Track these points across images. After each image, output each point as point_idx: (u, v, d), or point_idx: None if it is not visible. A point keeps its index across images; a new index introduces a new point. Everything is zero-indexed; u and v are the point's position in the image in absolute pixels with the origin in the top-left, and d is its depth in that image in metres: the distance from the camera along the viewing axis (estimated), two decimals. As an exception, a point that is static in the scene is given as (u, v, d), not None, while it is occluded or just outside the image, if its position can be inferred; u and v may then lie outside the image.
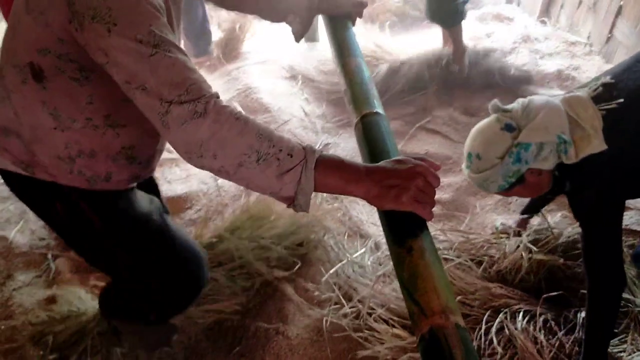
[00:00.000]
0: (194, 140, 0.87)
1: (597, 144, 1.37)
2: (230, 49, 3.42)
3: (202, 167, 0.91)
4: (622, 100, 1.38)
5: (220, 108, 0.88)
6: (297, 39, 1.47)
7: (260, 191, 0.92)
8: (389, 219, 0.91)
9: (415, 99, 2.94)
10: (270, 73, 3.18)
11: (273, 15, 1.45)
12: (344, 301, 1.80)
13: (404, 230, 0.87)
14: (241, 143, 0.87)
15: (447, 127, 2.78)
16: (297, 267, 1.95)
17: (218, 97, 0.90)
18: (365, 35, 3.13)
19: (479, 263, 1.84)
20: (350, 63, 1.32)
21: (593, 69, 3.02)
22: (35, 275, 1.99)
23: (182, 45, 1.07)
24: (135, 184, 1.26)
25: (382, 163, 0.94)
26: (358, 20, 1.51)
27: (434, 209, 0.92)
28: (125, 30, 0.87)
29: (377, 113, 1.14)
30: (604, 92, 1.41)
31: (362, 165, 0.93)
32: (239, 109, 1.05)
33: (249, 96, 2.92)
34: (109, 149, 1.13)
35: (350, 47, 1.38)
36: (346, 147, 2.59)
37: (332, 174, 0.90)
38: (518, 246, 1.79)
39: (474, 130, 1.46)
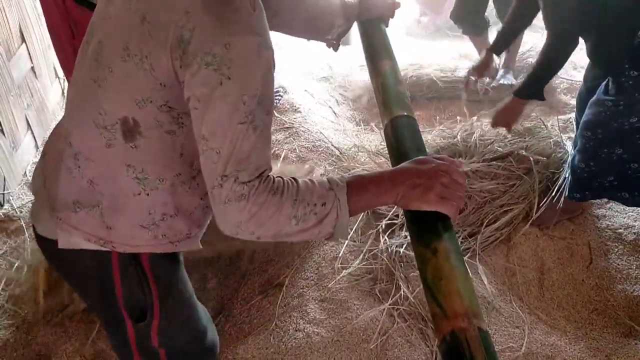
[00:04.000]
0: (233, 220, 0.89)
1: None
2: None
3: (238, 236, 0.92)
4: None
5: (262, 189, 0.88)
6: (336, 49, 1.47)
7: (300, 241, 0.94)
8: (414, 219, 0.92)
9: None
10: (302, 74, 3.21)
11: (313, 34, 1.44)
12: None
13: (429, 231, 0.88)
14: (279, 218, 0.89)
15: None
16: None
17: (267, 175, 0.90)
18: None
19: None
20: (383, 65, 1.32)
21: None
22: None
23: None
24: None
25: (404, 164, 0.95)
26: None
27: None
28: (236, 87, 0.84)
29: (407, 116, 1.15)
30: None
31: (385, 172, 0.94)
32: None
33: (280, 96, 2.94)
34: (190, 203, 1.07)
35: (383, 49, 1.39)
36: (376, 149, 2.59)
37: (362, 196, 0.92)
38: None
39: None
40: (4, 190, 2.24)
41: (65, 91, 2.72)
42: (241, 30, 0.84)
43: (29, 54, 2.38)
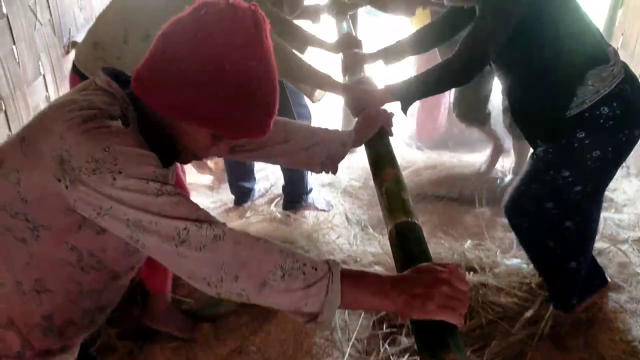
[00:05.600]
0: (214, 263, 0.86)
1: None
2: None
3: (220, 294, 0.89)
4: None
5: (237, 230, 0.89)
6: (335, 172, 1.46)
7: (283, 309, 0.90)
8: (419, 327, 0.89)
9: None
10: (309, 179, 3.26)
11: (308, 164, 1.44)
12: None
13: (436, 340, 0.85)
14: (264, 261, 0.87)
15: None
16: None
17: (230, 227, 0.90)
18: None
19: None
20: (387, 173, 1.35)
21: (631, 190, 3.00)
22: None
23: None
24: None
25: (405, 273, 0.94)
26: None
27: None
28: (131, 175, 0.86)
29: (411, 222, 1.15)
30: None
31: (386, 277, 0.93)
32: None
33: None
34: (28, 318, 1.02)
35: (386, 157, 1.43)
36: (378, 253, 2.57)
37: (358, 287, 0.89)
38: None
39: None
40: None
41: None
42: (116, 137, 0.89)
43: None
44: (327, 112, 3.78)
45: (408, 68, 3.52)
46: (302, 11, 2.45)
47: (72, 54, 2.78)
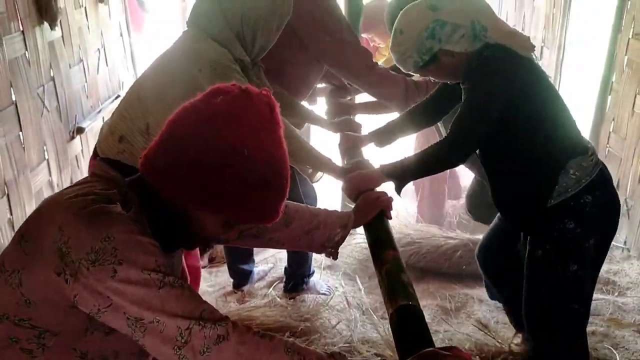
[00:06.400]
0: None
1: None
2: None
3: None
4: None
5: (242, 328, 0.86)
6: (335, 257, 1.47)
7: None
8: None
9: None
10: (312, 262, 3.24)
11: (309, 247, 1.44)
12: None
13: None
14: None
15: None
16: None
17: (234, 322, 0.88)
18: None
19: None
20: (386, 255, 1.35)
21: (633, 273, 2.97)
22: None
23: None
24: None
25: (410, 359, 0.92)
26: None
27: None
28: (132, 265, 0.85)
29: (412, 305, 1.14)
30: None
31: None
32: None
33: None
34: None
35: (386, 239, 1.43)
36: (379, 340, 2.50)
37: None
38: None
39: (406, 8, 1.64)
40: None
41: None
42: (116, 223, 0.87)
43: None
44: (326, 189, 3.81)
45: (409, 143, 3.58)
46: None
47: (77, 139, 2.86)
